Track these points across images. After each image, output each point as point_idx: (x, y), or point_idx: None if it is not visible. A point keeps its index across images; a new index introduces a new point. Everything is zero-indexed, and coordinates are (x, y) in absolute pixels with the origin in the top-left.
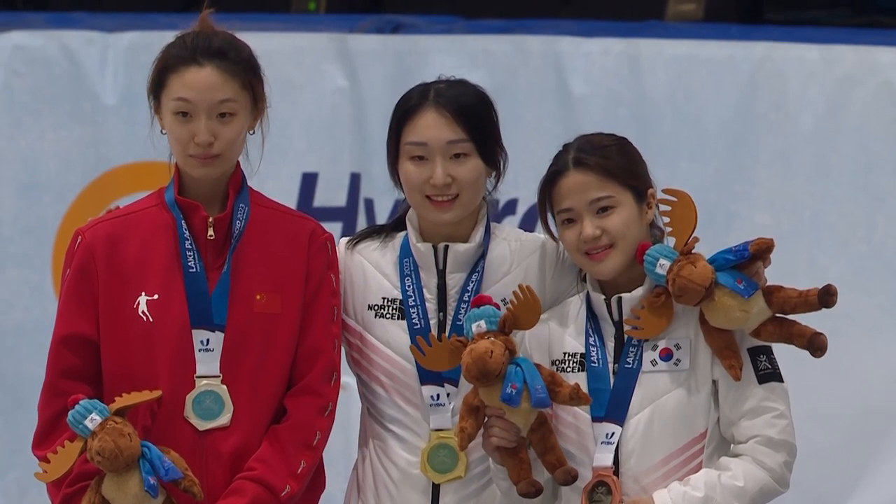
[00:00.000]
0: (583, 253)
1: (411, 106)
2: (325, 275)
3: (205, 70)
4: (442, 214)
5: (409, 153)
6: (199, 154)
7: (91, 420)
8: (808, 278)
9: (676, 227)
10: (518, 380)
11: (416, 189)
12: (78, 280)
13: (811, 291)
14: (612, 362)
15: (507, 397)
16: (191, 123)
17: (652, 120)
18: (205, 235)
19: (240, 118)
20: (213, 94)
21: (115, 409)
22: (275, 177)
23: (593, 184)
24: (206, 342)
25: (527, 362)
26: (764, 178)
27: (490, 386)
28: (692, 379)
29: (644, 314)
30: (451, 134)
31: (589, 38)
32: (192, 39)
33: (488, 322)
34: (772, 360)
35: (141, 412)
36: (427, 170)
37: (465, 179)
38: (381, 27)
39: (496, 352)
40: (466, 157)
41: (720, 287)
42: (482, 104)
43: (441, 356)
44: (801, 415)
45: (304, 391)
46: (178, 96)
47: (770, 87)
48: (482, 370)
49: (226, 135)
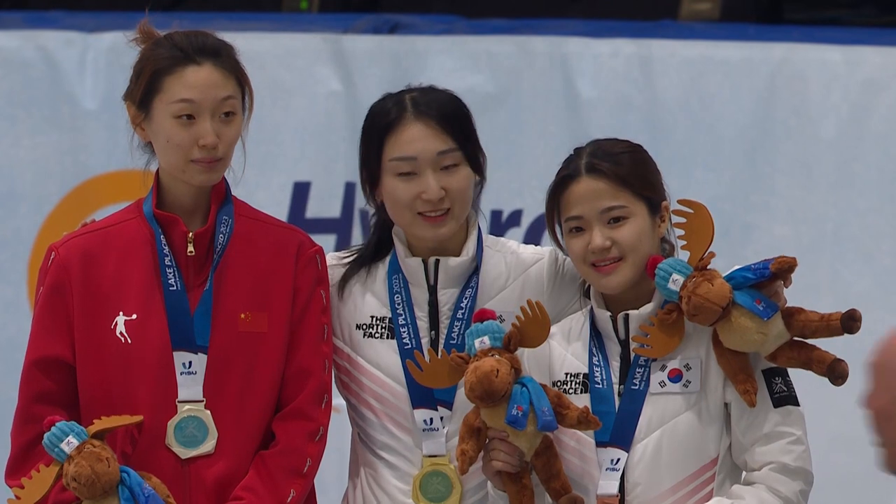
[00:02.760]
0: (589, 264)
1: (391, 119)
2: (315, 290)
3: (204, 68)
4: (437, 230)
5: (396, 170)
6: (203, 158)
7: (68, 443)
8: (830, 295)
9: (692, 241)
10: (524, 401)
11: (405, 206)
12: (52, 299)
13: (834, 315)
14: (618, 383)
15: (513, 419)
16: (194, 126)
17: (664, 126)
18: (185, 251)
19: (239, 118)
20: (216, 92)
21: (93, 431)
22: (265, 186)
23: (606, 192)
24: (188, 365)
25: (533, 382)
26: (783, 187)
27: (494, 407)
28: (703, 402)
29: (654, 332)
30: (441, 144)
31: (598, 39)
32: (182, 39)
33: (492, 338)
34: (787, 382)
35: (120, 438)
36: (417, 185)
37: (458, 189)
38: (377, 27)
39: (502, 371)
40: (457, 167)
41: (737, 307)
42: (461, 108)
43: (440, 373)
44: (825, 440)
45: (293, 415)
46: (180, 98)
47: (790, 90)
48: (487, 390)
49: (229, 135)
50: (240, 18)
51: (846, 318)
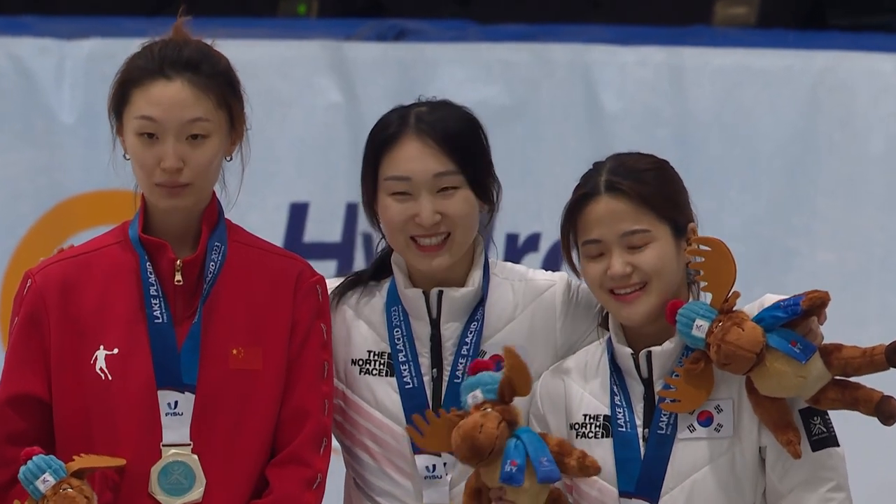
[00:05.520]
0: (608, 291)
1: (389, 134)
2: (314, 324)
3: (174, 84)
4: (431, 260)
5: (390, 189)
6: (166, 182)
7: (43, 481)
8: (878, 326)
9: (713, 282)
10: (519, 455)
11: (398, 230)
12: (27, 331)
13: (877, 349)
14: (642, 427)
15: (508, 476)
16: (157, 146)
17: (696, 142)
18: (173, 280)
19: (213, 141)
20: (182, 113)
21: (73, 469)
22: (259, 208)
23: (627, 213)
24: (174, 405)
25: (529, 433)
26: (827, 209)
27: (489, 465)
28: (736, 447)
29: (680, 384)
30: (438, 165)
31: (623, 47)
32: (160, 49)
33: (485, 391)
34: (827, 421)
35: (98, 483)
36: (411, 207)
37: (456, 215)
38: (381, 33)
39: (487, 425)
40: (456, 191)
41: (772, 351)
42: (470, 128)
43: (440, 435)
44: (872, 487)
45: (288, 460)
46: (142, 114)
47: (834, 102)
48: (472, 448)
49: (197, 160)
50: (230, 24)
51: (891, 351)
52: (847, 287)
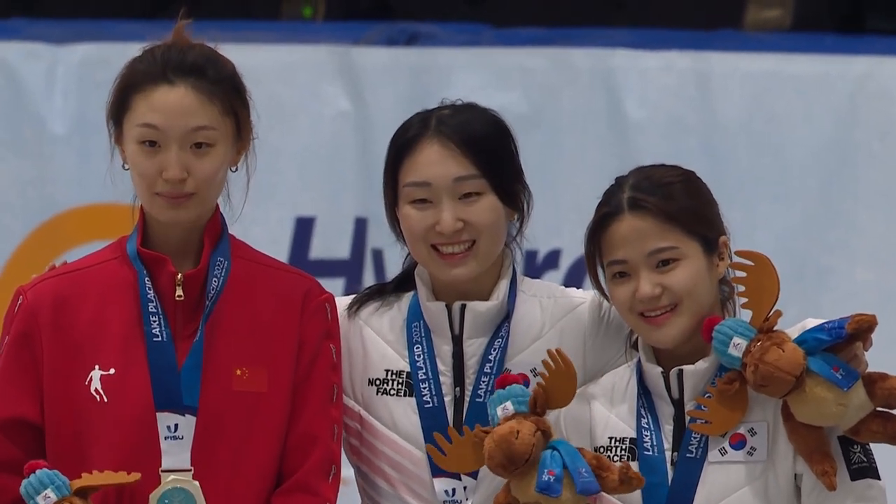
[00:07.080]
0: (637, 314)
1: (409, 138)
2: (323, 345)
3: (177, 90)
4: (453, 269)
5: (410, 196)
6: (168, 192)
7: (45, 497)
8: None
9: (754, 299)
10: (556, 465)
11: (419, 238)
12: (18, 350)
13: None
14: (671, 450)
15: (545, 486)
16: (159, 155)
17: (724, 152)
18: (173, 296)
19: (219, 150)
20: (186, 120)
21: (77, 486)
22: (262, 221)
23: (652, 231)
24: (174, 428)
25: (565, 444)
26: (866, 223)
27: (522, 477)
28: (770, 472)
29: (712, 404)
30: (459, 169)
31: (647, 52)
32: (163, 53)
33: (516, 402)
34: (867, 451)
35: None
36: (432, 214)
37: (480, 222)
38: (392, 38)
39: (523, 431)
40: (479, 196)
41: (812, 375)
42: (496, 131)
43: (464, 454)
44: None
45: (295, 488)
46: (144, 122)
47: (873, 110)
48: (508, 454)
49: (201, 170)
50: (232, 28)
51: None
52: (886, 308)
